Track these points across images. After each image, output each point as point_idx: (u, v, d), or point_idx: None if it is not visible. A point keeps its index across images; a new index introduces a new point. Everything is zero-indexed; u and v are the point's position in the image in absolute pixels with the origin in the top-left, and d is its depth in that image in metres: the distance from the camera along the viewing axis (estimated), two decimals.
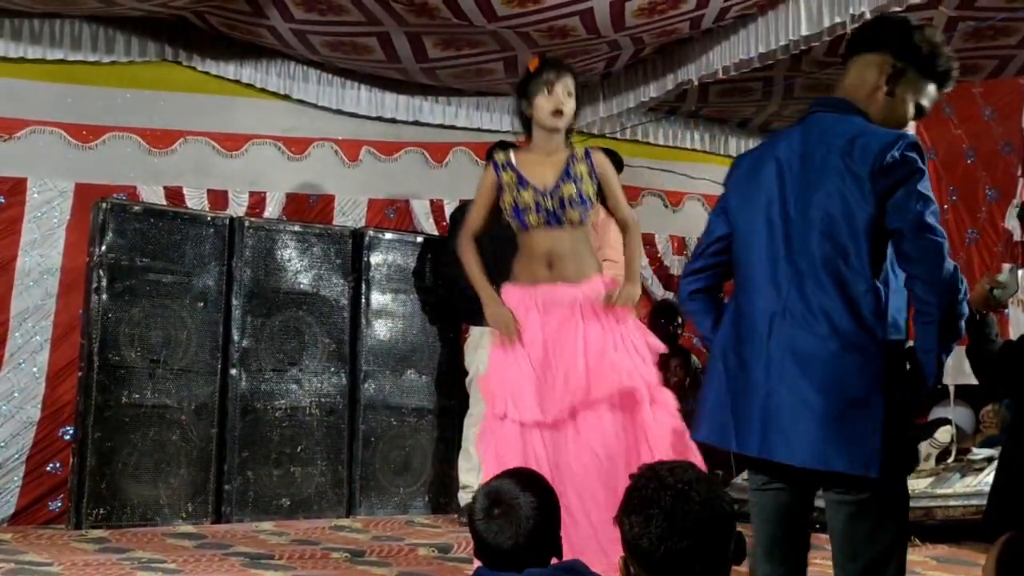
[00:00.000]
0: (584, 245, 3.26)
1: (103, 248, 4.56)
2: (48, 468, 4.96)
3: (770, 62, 5.29)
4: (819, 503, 4.31)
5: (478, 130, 6.38)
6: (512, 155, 3.32)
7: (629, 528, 1.64)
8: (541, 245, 3.22)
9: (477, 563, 2.10)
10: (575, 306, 3.16)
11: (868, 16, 4.52)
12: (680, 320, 6.29)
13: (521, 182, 3.23)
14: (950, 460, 4.26)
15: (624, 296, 3.18)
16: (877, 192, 2.12)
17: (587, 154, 3.31)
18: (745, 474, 2.60)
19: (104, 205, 4.62)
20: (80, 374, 4.59)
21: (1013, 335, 4.07)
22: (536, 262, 3.22)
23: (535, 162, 3.28)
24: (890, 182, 2.12)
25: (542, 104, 3.26)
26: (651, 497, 1.65)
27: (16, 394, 4.96)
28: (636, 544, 1.63)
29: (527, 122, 3.36)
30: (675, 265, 6.98)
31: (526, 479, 2.12)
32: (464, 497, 4.77)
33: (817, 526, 4.22)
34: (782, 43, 4.94)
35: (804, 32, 4.80)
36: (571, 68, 3.40)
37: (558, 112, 3.25)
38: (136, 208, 4.77)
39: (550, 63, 3.38)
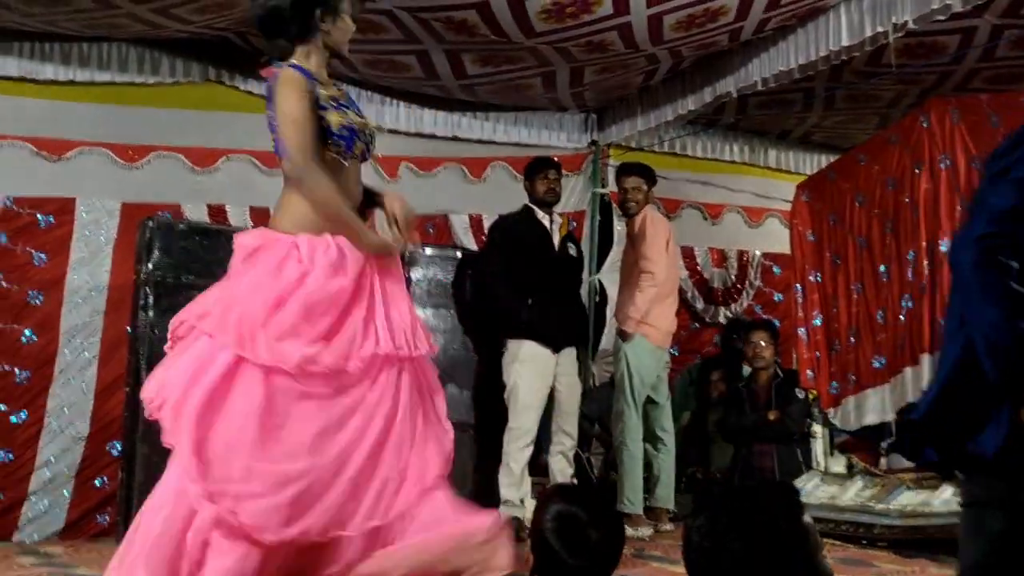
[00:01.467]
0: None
1: (150, 266, 4.63)
2: (96, 482, 5.05)
3: (810, 73, 5.25)
4: (864, 518, 4.29)
5: (516, 144, 6.40)
6: None
7: (696, 529, 1.65)
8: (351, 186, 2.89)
9: None
10: None
11: (911, 24, 4.49)
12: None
13: (343, 100, 2.89)
14: None
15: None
16: None
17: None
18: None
19: (150, 223, 4.69)
20: (127, 390, 4.65)
21: None
22: None
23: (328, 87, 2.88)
24: None
25: (347, 27, 2.86)
26: (719, 501, 1.66)
27: (66, 410, 5.05)
28: (700, 544, 1.62)
29: (304, 35, 2.80)
30: (715, 278, 6.95)
31: (596, 501, 2.14)
32: (506, 511, 4.76)
33: (864, 541, 4.22)
34: (822, 54, 4.89)
35: (845, 42, 4.75)
36: None
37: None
38: (181, 226, 4.84)
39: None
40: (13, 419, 4.98)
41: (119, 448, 4.86)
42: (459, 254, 5.51)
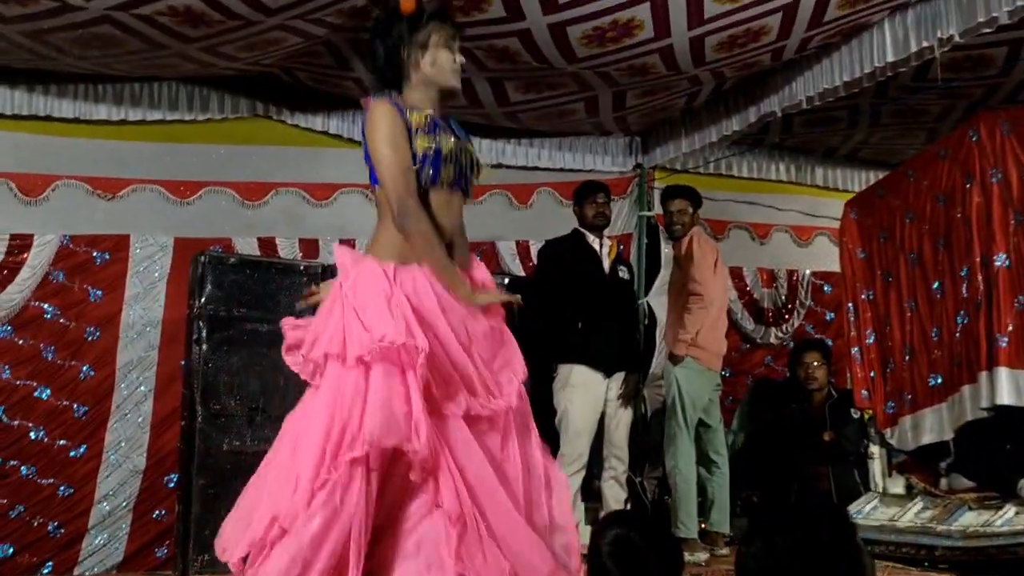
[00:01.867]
0: None
1: (202, 300, 4.71)
2: (154, 515, 5.13)
3: (856, 90, 5.21)
4: (925, 540, 4.20)
5: (561, 170, 6.43)
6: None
7: (748, 552, 1.64)
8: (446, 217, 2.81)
9: None
10: None
11: (957, 38, 4.44)
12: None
13: (432, 124, 2.74)
14: None
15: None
16: None
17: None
18: None
19: (202, 258, 4.78)
20: (183, 423, 4.73)
21: None
22: None
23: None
24: None
25: (445, 60, 2.76)
26: (775, 525, 1.65)
27: (123, 444, 5.15)
28: (755, 569, 1.61)
29: (401, 73, 2.77)
30: (765, 298, 6.89)
31: (653, 526, 2.15)
32: None
33: (925, 564, 4.13)
34: (867, 71, 4.85)
35: (890, 58, 4.72)
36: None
37: (458, 71, 2.82)
38: (232, 260, 4.92)
39: (442, 13, 2.87)
40: (72, 453, 5.09)
41: (176, 480, 4.93)
42: (507, 280, 5.53)
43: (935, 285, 4.89)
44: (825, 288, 6.89)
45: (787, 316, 6.87)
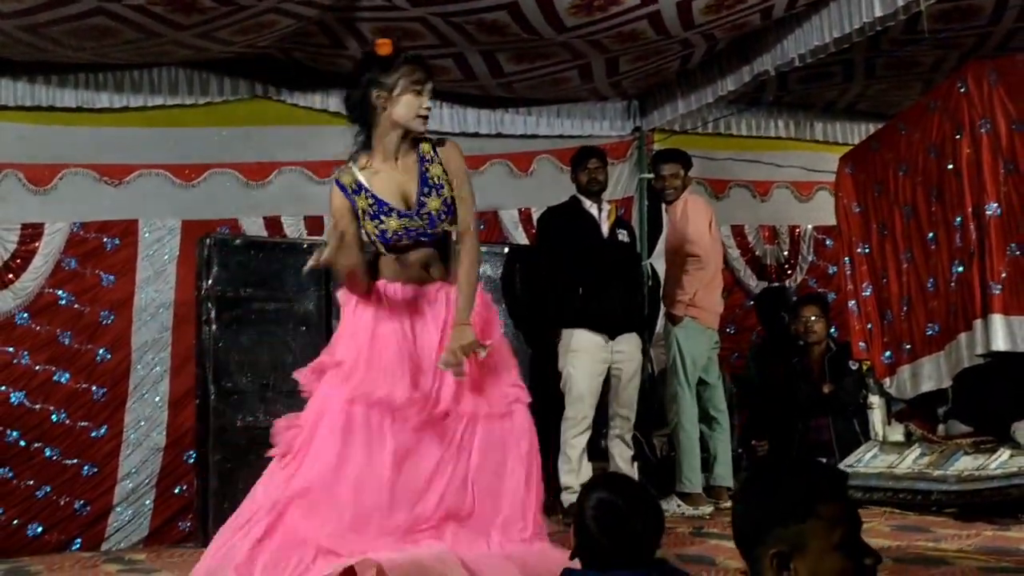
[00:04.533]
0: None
1: (210, 281, 4.82)
2: (176, 491, 5.29)
3: (847, 46, 5.23)
4: (921, 485, 4.29)
5: (560, 136, 6.48)
6: (355, 173, 3.10)
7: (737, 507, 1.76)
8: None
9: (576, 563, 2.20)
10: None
11: None
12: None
13: (379, 205, 3.04)
14: None
15: (459, 347, 2.96)
16: None
17: (435, 150, 3.10)
18: None
19: (208, 241, 4.89)
20: (197, 401, 4.87)
21: None
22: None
23: (382, 169, 3.08)
24: None
25: (411, 104, 3.00)
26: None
27: (143, 423, 5.30)
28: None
29: (368, 113, 3.04)
30: (767, 255, 6.95)
31: (636, 488, 2.25)
32: (567, 498, 4.87)
33: (922, 508, 4.22)
34: (856, 26, 4.86)
35: (878, 13, 4.73)
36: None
37: (425, 117, 3.06)
38: (238, 241, 5.03)
39: (415, 59, 3.10)
40: (93, 434, 5.23)
41: (195, 457, 5.08)
42: (507, 249, 5.62)
43: (930, 236, 4.95)
44: (827, 242, 6.94)
45: (791, 271, 6.93)
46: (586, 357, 4.97)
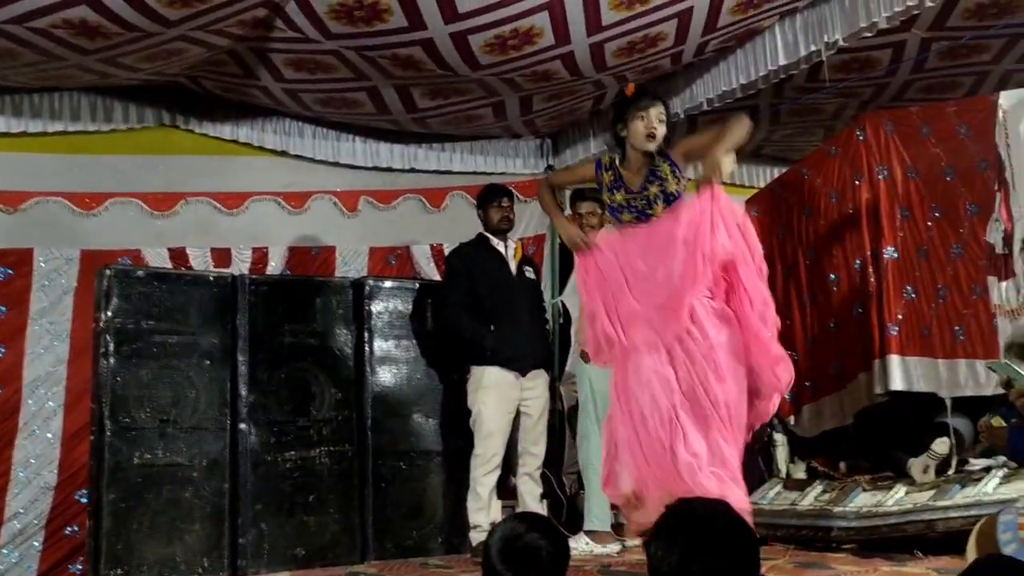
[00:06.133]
0: None
1: (109, 313, 4.66)
2: (67, 531, 5.07)
3: (753, 91, 5.40)
4: (822, 522, 4.38)
5: (473, 173, 6.51)
6: (616, 161, 3.72)
7: (654, 552, 1.75)
8: None
9: None
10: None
11: (842, 42, 4.64)
12: None
13: (619, 182, 3.65)
14: (950, 472, 4.29)
15: (708, 166, 3.45)
16: None
17: (666, 155, 3.62)
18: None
19: (108, 272, 4.72)
20: (92, 437, 4.68)
21: (1003, 343, 4.13)
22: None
23: (629, 173, 3.66)
24: None
25: (637, 127, 3.61)
26: (676, 526, 1.77)
27: (32, 460, 5.08)
28: (658, 568, 1.77)
29: (621, 142, 3.72)
30: None
31: (541, 523, 2.23)
32: (475, 537, 4.82)
33: (823, 544, 4.30)
34: (762, 73, 5.07)
35: (782, 61, 4.94)
36: (662, 98, 3.82)
37: (651, 136, 3.59)
38: (139, 272, 4.87)
39: (641, 93, 3.76)
40: None
41: (87, 495, 4.87)
42: (417, 285, 5.59)
43: (832, 278, 5.10)
44: None
45: None
46: (496, 394, 4.95)
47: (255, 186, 5.90)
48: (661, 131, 3.61)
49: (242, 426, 4.90)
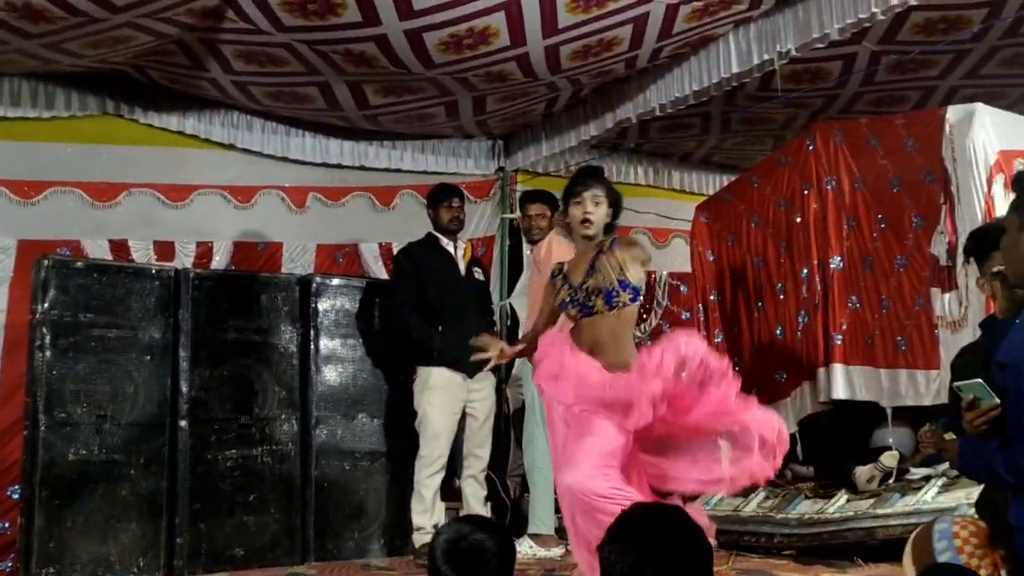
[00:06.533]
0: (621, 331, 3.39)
1: (46, 305, 4.54)
2: None
3: (705, 98, 5.43)
4: (765, 528, 4.41)
5: (423, 172, 6.46)
6: (564, 266, 3.59)
7: (607, 556, 1.74)
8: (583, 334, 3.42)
9: None
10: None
11: (794, 52, 4.69)
12: None
13: (565, 280, 3.51)
14: (891, 481, 4.35)
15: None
16: None
17: (612, 245, 3.43)
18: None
19: (45, 262, 4.60)
20: (25, 432, 4.55)
21: (944, 355, 4.19)
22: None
23: (574, 264, 3.53)
24: None
25: (574, 213, 3.47)
26: (630, 530, 1.77)
27: None
28: (611, 572, 1.77)
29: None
30: None
31: (486, 524, 2.21)
32: (418, 539, 4.77)
33: (765, 551, 4.34)
34: (714, 80, 5.09)
35: (735, 69, 4.97)
36: (600, 176, 3.66)
37: (586, 222, 3.43)
38: (79, 264, 4.76)
39: (579, 175, 3.64)
40: None
41: (19, 492, 4.74)
42: (365, 283, 5.53)
43: (779, 286, 5.15)
44: (682, 288, 7.11)
45: (645, 316, 7.06)
46: (443, 395, 4.91)
47: (201, 179, 5.79)
48: (599, 214, 3.41)
49: (182, 423, 4.80)
